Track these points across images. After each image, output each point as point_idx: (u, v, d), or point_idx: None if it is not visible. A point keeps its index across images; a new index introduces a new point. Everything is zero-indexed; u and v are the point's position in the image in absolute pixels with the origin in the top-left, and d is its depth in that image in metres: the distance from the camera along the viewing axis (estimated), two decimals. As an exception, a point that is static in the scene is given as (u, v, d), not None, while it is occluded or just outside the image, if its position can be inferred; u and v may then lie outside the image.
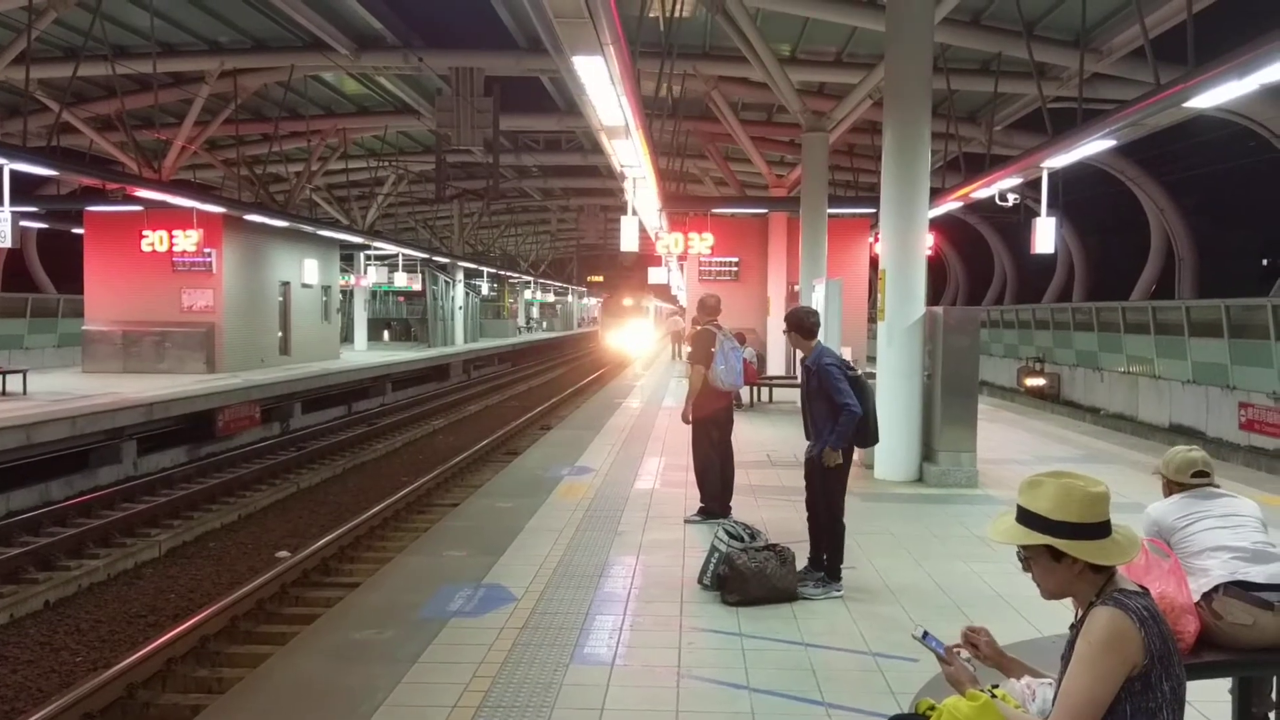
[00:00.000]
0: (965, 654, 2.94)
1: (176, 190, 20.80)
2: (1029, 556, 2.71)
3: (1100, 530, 2.65)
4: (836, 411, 6.65)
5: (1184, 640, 3.59)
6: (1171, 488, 4.23)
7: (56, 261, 31.37)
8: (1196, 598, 3.74)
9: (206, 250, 23.65)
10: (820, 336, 7.16)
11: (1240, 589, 3.71)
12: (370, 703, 4.83)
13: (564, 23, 7.41)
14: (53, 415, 14.96)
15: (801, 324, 7.05)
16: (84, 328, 24.58)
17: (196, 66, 19.93)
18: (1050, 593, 2.73)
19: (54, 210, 27.34)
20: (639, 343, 52.64)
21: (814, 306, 11.55)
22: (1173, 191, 27.21)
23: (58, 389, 19.03)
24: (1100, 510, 2.65)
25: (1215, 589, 3.75)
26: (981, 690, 2.79)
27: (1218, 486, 4.16)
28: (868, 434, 6.92)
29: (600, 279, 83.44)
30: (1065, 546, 2.63)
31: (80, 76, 18.00)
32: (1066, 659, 2.66)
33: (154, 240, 22.48)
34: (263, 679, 5.31)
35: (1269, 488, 11.06)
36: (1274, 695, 3.95)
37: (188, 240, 22.43)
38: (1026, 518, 2.69)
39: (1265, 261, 39.96)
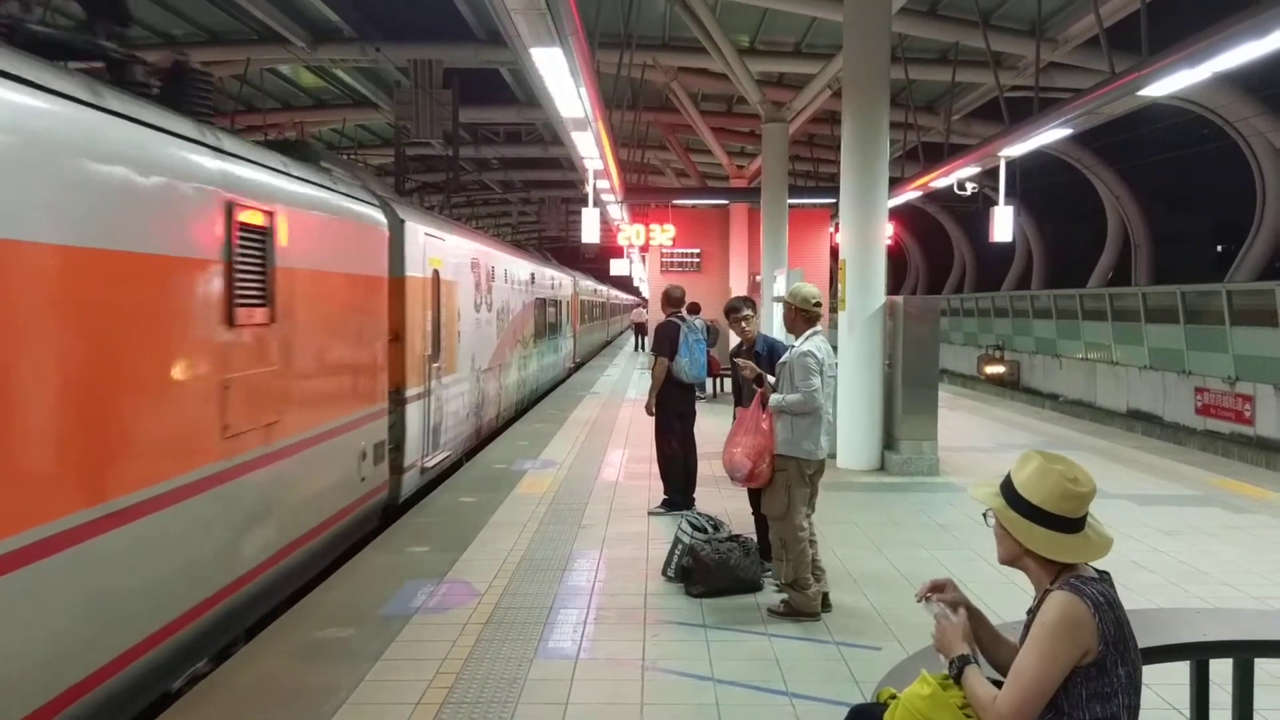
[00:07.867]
0: (937, 607, 2.86)
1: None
2: (995, 518, 2.76)
3: (1061, 524, 2.64)
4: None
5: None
6: (798, 314, 6.05)
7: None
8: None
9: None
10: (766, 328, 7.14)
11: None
12: (333, 701, 4.79)
13: (521, 14, 7.33)
14: None
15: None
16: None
17: (149, 60, 19.60)
18: (1001, 557, 2.79)
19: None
20: None
21: (777, 295, 11.52)
22: (1128, 179, 27.58)
23: None
24: (1070, 507, 2.65)
25: None
26: (935, 674, 2.81)
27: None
28: None
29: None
30: (1007, 520, 2.68)
31: (30, 70, 17.64)
32: (1023, 642, 2.69)
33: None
34: (225, 679, 5.25)
35: (1224, 471, 11.24)
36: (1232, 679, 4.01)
37: (143, 237, 22.03)
38: (1004, 483, 2.76)
39: (1219, 247, 40.53)
